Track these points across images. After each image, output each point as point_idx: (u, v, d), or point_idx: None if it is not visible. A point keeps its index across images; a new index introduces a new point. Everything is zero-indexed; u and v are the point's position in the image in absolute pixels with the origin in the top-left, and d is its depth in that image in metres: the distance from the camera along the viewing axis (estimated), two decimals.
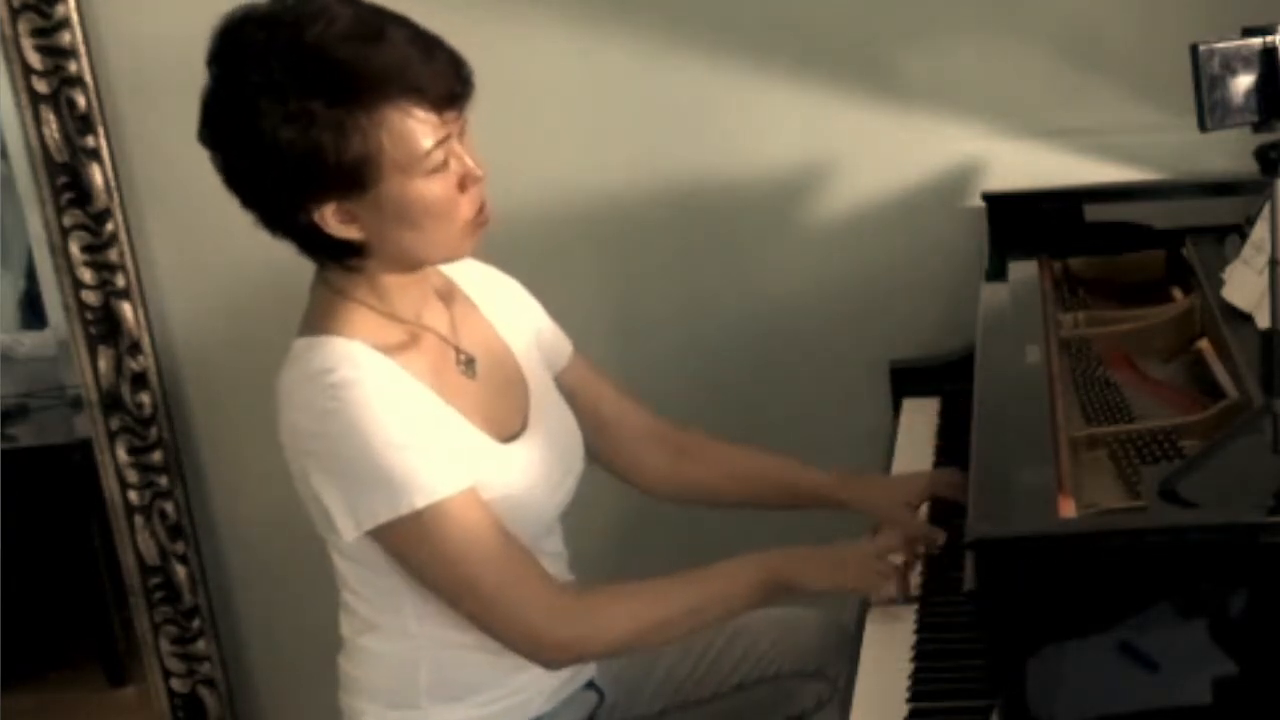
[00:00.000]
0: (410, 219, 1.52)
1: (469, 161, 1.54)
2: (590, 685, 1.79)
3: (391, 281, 1.59)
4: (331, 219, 1.52)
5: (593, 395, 1.83)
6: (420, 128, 1.49)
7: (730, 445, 1.91)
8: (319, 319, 1.59)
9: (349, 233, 1.53)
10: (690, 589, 1.65)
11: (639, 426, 1.87)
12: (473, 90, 1.54)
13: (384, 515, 1.51)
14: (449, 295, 1.70)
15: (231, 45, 1.52)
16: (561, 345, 1.83)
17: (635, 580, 1.67)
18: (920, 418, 2.13)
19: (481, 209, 1.56)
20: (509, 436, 1.65)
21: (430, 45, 1.51)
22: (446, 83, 1.50)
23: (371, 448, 1.50)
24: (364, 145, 1.47)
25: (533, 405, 1.70)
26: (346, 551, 1.61)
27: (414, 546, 1.54)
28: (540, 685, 1.70)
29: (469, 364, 1.65)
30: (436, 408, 1.57)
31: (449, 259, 1.62)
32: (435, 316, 1.66)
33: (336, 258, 1.58)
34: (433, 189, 1.51)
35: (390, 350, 1.56)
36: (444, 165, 1.51)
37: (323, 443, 1.53)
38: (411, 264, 1.59)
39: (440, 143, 1.50)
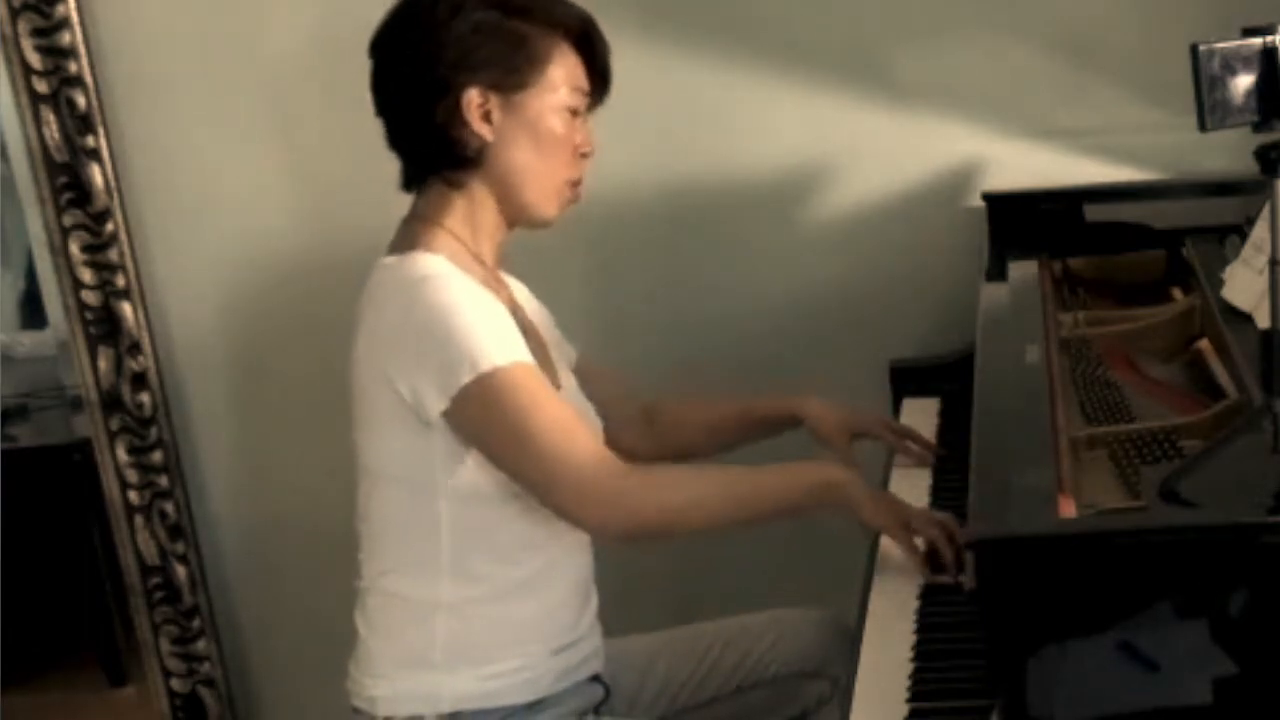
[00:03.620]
0: (536, 138, 1.69)
1: (587, 134, 1.74)
2: (596, 679, 1.79)
3: (484, 219, 1.72)
4: (475, 108, 1.67)
5: (594, 386, 1.88)
6: (578, 73, 1.72)
7: (692, 400, 2.02)
8: (407, 241, 1.70)
9: (481, 129, 1.68)
10: (745, 476, 1.70)
11: (624, 409, 1.94)
12: (602, 103, 1.77)
13: (465, 377, 1.59)
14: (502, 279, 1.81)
15: None
16: (569, 349, 1.92)
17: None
18: (920, 418, 2.13)
19: (579, 183, 1.74)
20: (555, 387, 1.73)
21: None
22: (607, 66, 1.76)
23: (455, 320, 1.60)
24: (536, 53, 1.68)
25: (561, 376, 1.79)
26: (400, 474, 1.67)
27: (487, 407, 1.61)
28: (547, 665, 1.72)
29: (524, 330, 1.72)
30: (513, 323, 1.67)
31: (540, 208, 1.73)
32: (500, 283, 1.77)
33: (451, 164, 1.70)
34: (563, 125, 1.70)
35: (472, 277, 1.67)
36: (573, 115, 1.71)
37: (409, 328, 1.62)
38: (510, 191, 1.71)
39: (580, 92, 1.72)
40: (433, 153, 1.71)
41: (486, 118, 1.68)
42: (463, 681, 1.69)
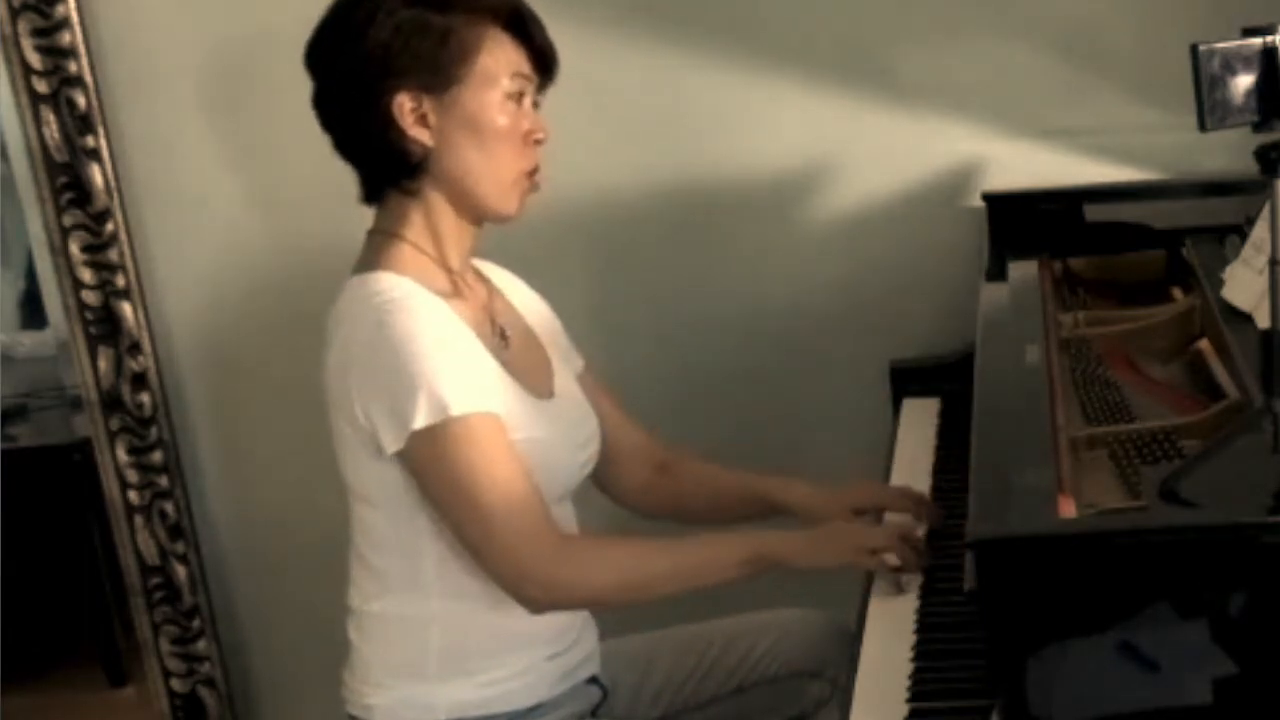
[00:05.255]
0: (478, 134, 1.64)
1: (537, 119, 1.68)
2: (594, 680, 1.79)
3: (444, 225, 1.68)
4: (408, 113, 1.62)
5: (594, 408, 1.85)
6: (514, 57, 1.65)
7: (709, 465, 1.94)
8: (372, 259, 1.67)
9: (419, 134, 1.63)
10: (678, 554, 1.69)
11: (630, 444, 1.90)
12: (552, 83, 1.71)
13: (422, 420, 1.56)
14: (482, 279, 1.78)
15: None
16: (574, 358, 1.89)
17: (628, 536, 1.72)
18: (920, 418, 2.13)
19: (536, 170, 1.68)
20: (539, 397, 1.72)
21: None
22: (548, 45, 1.69)
23: (417, 357, 1.57)
24: (463, 46, 1.62)
25: (556, 379, 1.78)
26: (375, 496, 1.66)
27: (437, 457, 1.58)
28: (543, 670, 1.72)
29: (502, 335, 1.72)
30: (476, 349, 1.64)
31: (497, 204, 1.68)
32: (474, 286, 1.74)
33: (399, 174, 1.66)
34: (506, 115, 1.64)
35: (438, 294, 1.64)
36: (518, 101, 1.66)
37: (373, 354, 1.59)
38: (463, 193, 1.67)
39: (521, 77, 1.66)
40: (379, 164, 1.67)
41: (423, 121, 1.63)
42: (459, 690, 1.69)
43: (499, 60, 1.64)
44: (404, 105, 1.62)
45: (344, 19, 1.65)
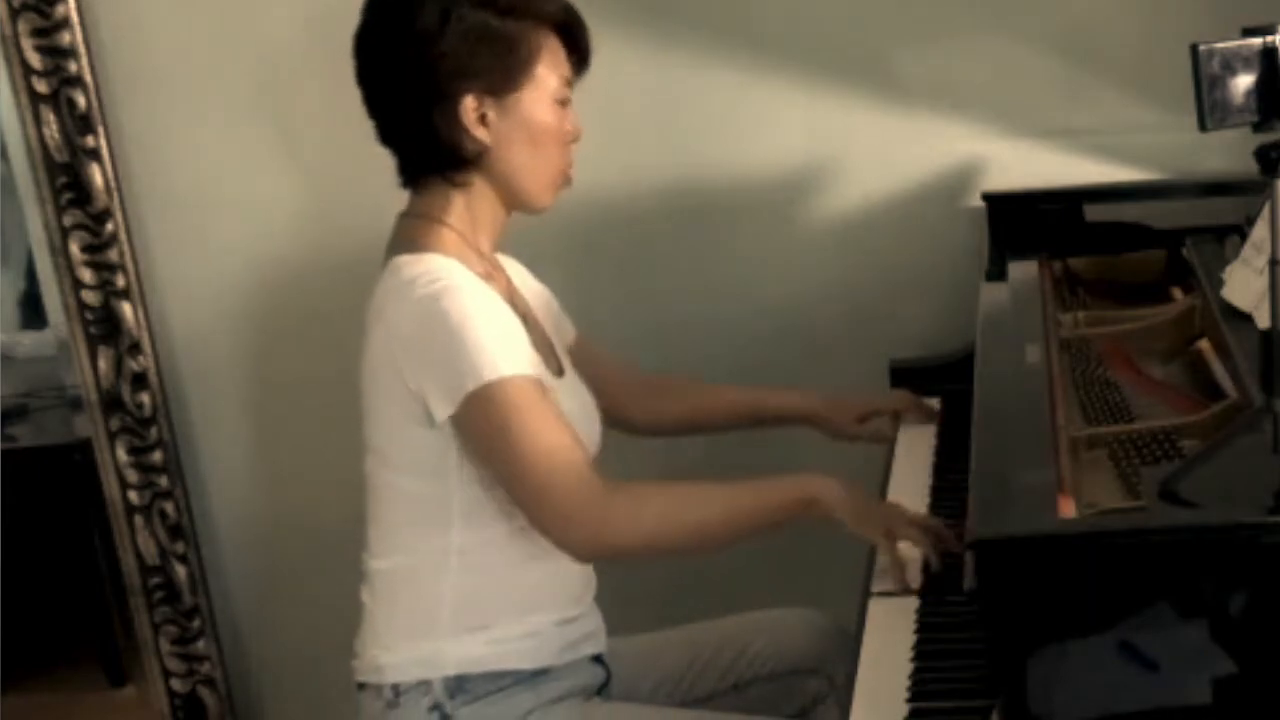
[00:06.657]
0: (531, 135, 1.71)
1: (576, 119, 1.76)
2: (598, 660, 1.81)
3: (483, 213, 1.75)
4: (471, 113, 1.69)
5: (592, 363, 1.94)
6: (563, 62, 1.74)
7: (704, 383, 2.10)
8: (412, 240, 1.72)
9: (478, 132, 1.70)
10: (728, 496, 1.71)
11: (626, 381, 2.01)
12: (580, 80, 1.78)
13: (471, 385, 1.61)
14: (499, 265, 1.83)
15: None
16: (567, 326, 1.97)
17: (676, 481, 1.75)
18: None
19: (569, 167, 1.77)
20: (555, 375, 1.78)
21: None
22: (589, 49, 1.77)
23: (466, 334, 1.62)
24: (528, 52, 1.70)
25: (563, 359, 1.84)
26: (410, 462, 1.69)
27: (485, 418, 1.63)
28: (551, 634, 1.74)
29: (524, 318, 1.76)
30: (518, 325, 1.70)
31: (538, 198, 1.76)
32: (499, 271, 1.80)
33: (449, 165, 1.71)
34: (555, 117, 1.73)
35: (477, 276, 1.69)
36: (565, 104, 1.74)
37: (423, 330, 1.64)
38: (511, 188, 1.74)
39: (565, 82, 1.74)
40: (430, 155, 1.72)
41: (483, 121, 1.70)
42: (469, 646, 1.71)
43: (553, 66, 1.72)
44: (469, 106, 1.68)
45: (408, 17, 1.68)
